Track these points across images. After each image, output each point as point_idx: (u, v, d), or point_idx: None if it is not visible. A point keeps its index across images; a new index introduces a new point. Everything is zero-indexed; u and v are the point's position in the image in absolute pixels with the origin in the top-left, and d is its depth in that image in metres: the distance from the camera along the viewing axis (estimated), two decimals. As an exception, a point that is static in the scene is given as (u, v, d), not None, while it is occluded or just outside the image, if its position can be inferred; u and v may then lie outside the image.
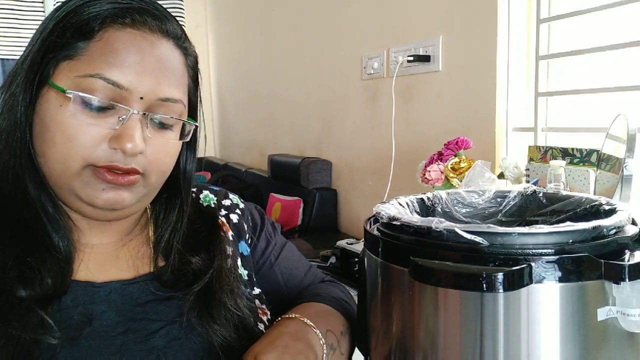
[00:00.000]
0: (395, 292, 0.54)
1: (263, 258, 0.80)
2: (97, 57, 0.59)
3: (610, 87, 1.34)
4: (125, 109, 0.60)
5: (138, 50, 0.61)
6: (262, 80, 3.36)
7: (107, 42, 0.60)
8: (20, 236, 0.60)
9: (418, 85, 1.91)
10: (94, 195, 0.60)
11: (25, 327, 0.55)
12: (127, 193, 0.62)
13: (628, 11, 1.30)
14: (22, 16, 3.22)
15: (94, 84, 0.58)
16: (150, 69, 0.61)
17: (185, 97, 0.66)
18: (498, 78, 1.57)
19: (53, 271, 0.59)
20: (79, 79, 0.59)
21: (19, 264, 0.57)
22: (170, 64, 0.64)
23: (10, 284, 0.56)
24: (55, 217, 0.62)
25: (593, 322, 0.47)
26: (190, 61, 0.68)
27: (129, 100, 0.60)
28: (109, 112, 0.60)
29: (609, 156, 1.01)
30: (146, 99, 0.61)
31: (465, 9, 1.68)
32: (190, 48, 0.68)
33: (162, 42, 0.63)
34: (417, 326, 0.51)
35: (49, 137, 0.59)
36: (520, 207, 0.70)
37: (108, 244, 0.68)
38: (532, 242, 0.47)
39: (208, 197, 0.80)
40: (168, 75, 0.63)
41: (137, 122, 0.60)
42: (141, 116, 0.61)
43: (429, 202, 0.69)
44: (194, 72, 0.70)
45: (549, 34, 1.53)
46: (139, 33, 0.61)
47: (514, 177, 1.29)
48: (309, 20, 2.71)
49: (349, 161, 2.44)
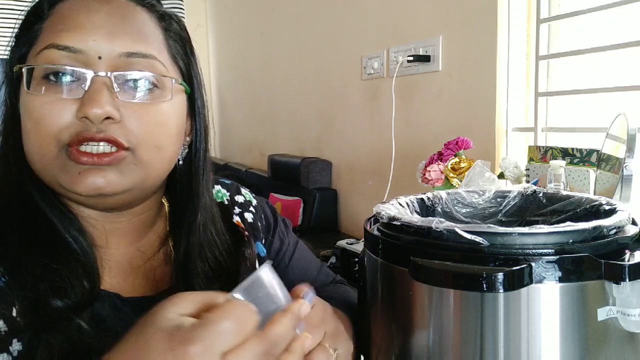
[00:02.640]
0: (396, 292, 0.54)
1: (277, 259, 0.77)
2: (49, 30, 0.56)
3: (610, 87, 1.34)
4: (83, 72, 0.54)
5: (86, 9, 0.56)
6: (262, 80, 3.36)
7: (57, 14, 0.57)
8: (41, 244, 0.56)
9: (418, 85, 1.91)
10: (72, 181, 0.54)
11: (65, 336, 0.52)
12: (114, 173, 0.55)
13: (628, 11, 1.30)
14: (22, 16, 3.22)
15: (49, 56, 0.54)
16: (101, 23, 0.55)
17: (164, 55, 0.60)
18: (498, 78, 1.58)
19: (82, 277, 0.55)
20: (36, 57, 0.55)
21: (48, 273, 0.54)
22: (127, 17, 0.58)
23: (45, 295, 0.53)
24: (66, 220, 0.58)
25: (593, 322, 0.47)
26: (165, 21, 0.62)
27: (88, 64, 0.55)
28: (73, 84, 0.55)
29: (609, 156, 1.01)
30: (106, 58, 0.55)
31: (465, 9, 1.68)
32: (159, 7, 0.63)
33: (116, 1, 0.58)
34: (417, 326, 0.51)
35: (24, 129, 0.56)
36: (520, 207, 0.70)
37: (126, 247, 0.63)
38: (532, 242, 0.47)
39: (220, 193, 0.76)
40: (126, 29, 0.57)
41: (102, 85, 0.54)
42: (105, 78, 0.55)
43: (429, 202, 0.69)
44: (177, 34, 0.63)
45: (549, 34, 1.53)
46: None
47: (514, 177, 1.29)
48: (309, 20, 2.70)
49: (349, 161, 2.44)
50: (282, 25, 3.02)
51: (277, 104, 3.16)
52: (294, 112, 2.95)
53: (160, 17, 0.62)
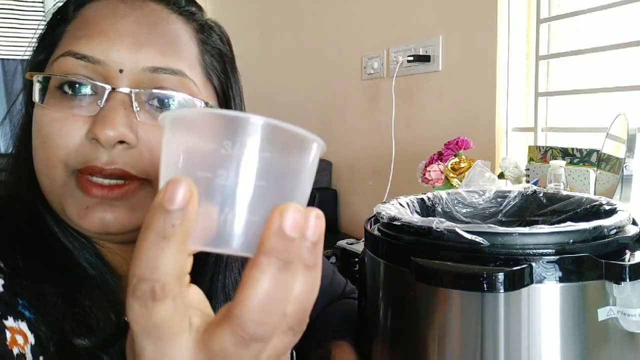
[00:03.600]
0: (396, 292, 0.54)
1: None
2: (69, 35, 0.49)
3: (610, 87, 1.34)
4: (102, 86, 0.47)
5: (112, 14, 0.48)
6: (262, 80, 3.36)
7: (81, 18, 0.50)
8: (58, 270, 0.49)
9: (418, 85, 1.91)
10: (79, 214, 0.47)
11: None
12: (124, 210, 0.47)
13: (628, 11, 1.30)
14: (22, 16, 3.22)
15: (64, 65, 0.47)
16: (127, 32, 0.48)
17: (197, 73, 0.52)
18: (498, 78, 1.57)
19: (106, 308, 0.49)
20: (51, 64, 0.48)
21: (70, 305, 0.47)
22: (158, 26, 0.50)
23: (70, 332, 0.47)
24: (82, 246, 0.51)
25: (594, 322, 0.47)
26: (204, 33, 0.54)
27: (108, 77, 0.47)
28: (90, 98, 0.47)
29: (609, 156, 1.01)
30: (128, 71, 0.47)
31: (465, 9, 1.68)
32: (200, 16, 0.55)
33: (146, 5, 0.51)
34: (418, 326, 0.51)
35: (33, 147, 0.49)
36: (520, 207, 0.70)
37: None
38: (532, 242, 0.47)
39: None
40: (154, 39, 0.49)
41: (119, 103, 0.46)
42: (125, 95, 0.47)
43: (429, 202, 0.69)
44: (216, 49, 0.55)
45: (549, 34, 1.53)
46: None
47: (514, 177, 1.29)
48: (309, 20, 2.70)
49: (349, 161, 2.44)
50: (282, 25, 3.02)
51: (277, 104, 3.16)
52: (293, 112, 2.95)
53: (199, 28, 0.55)
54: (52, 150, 0.47)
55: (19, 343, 0.44)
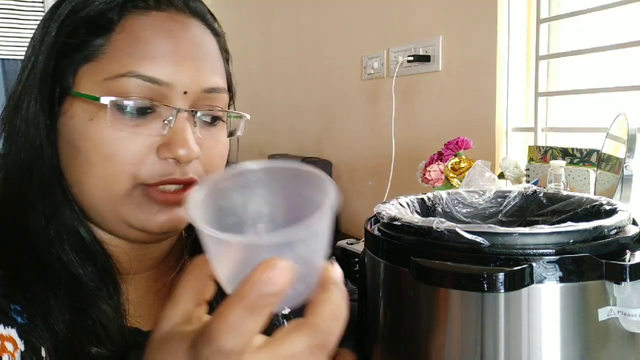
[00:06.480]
0: (396, 293, 0.54)
1: None
2: (123, 51, 0.49)
3: (610, 87, 1.34)
4: (169, 108, 0.50)
5: (170, 36, 0.50)
6: (262, 80, 3.36)
7: (131, 32, 0.50)
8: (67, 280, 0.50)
9: (418, 85, 1.91)
10: (148, 219, 0.51)
11: None
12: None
13: (628, 11, 1.30)
14: (22, 16, 3.22)
15: (127, 85, 0.49)
16: (188, 55, 0.51)
17: (225, 84, 0.57)
18: (498, 78, 1.57)
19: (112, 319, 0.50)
20: (108, 82, 0.49)
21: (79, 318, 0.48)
22: (207, 47, 0.54)
23: (80, 344, 0.48)
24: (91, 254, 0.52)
25: (594, 323, 0.47)
26: (222, 43, 0.59)
27: (171, 98, 0.50)
28: (149, 116, 0.50)
29: (609, 156, 1.01)
30: (190, 93, 0.51)
31: (465, 9, 1.68)
32: (219, 28, 0.59)
33: (192, 23, 0.53)
34: (418, 326, 0.51)
35: (83, 160, 0.50)
36: (520, 207, 0.70)
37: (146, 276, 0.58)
38: (533, 242, 0.47)
39: None
40: (208, 61, 0.53)
41: (186, 123, 0.50)
42: (188, 114, 0.51)
43: (429, 202, 0.69)
44: (227, 53, 0.60)
45: (549, 34, 1.53)
46: (166, 15, 0.51)
47: (514, 177, 1.29)
48: (308, 20, 2.70)
49: (349, 161, 2.44)
50: (282, 25, 3.02)
51: (277, 104, 3.16)
52: (293, 112, 2.95)
53: (219, 40, 0.58)
54: (118, 166, 0.49)
55: (8, 350, 0.45)
